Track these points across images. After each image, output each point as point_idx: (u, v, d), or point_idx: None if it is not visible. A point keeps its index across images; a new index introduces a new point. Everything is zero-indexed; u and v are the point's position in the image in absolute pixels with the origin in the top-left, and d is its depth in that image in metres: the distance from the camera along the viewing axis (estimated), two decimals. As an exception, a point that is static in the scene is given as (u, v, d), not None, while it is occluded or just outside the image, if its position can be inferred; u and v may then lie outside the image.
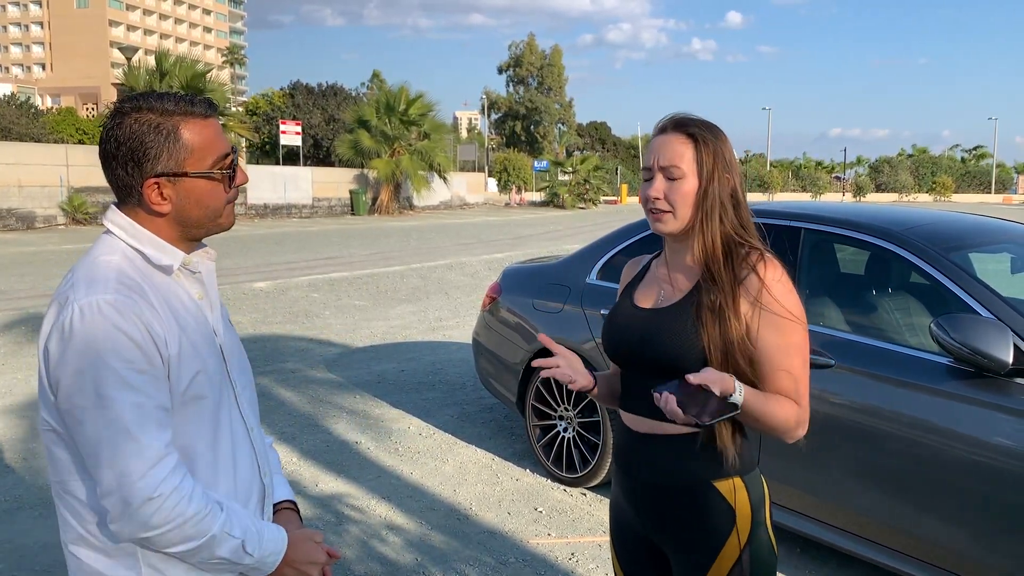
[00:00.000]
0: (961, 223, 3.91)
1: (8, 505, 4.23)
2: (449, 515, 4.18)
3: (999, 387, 2.92)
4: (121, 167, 1.43)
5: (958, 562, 3.01)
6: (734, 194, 1.73)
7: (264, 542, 1.50)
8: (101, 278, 1.39)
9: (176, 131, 1.42)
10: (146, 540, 1.39)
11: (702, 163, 1.69)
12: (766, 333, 1.66)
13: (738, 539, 1.71)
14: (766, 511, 1.77)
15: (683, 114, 1.76)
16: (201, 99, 1.47)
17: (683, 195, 1.70)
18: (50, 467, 1.50)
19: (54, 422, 1.43)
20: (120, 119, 1.42)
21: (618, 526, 1.94)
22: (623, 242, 4.60)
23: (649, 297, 1.83)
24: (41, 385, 1.43)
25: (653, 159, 1.73)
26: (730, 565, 1.71)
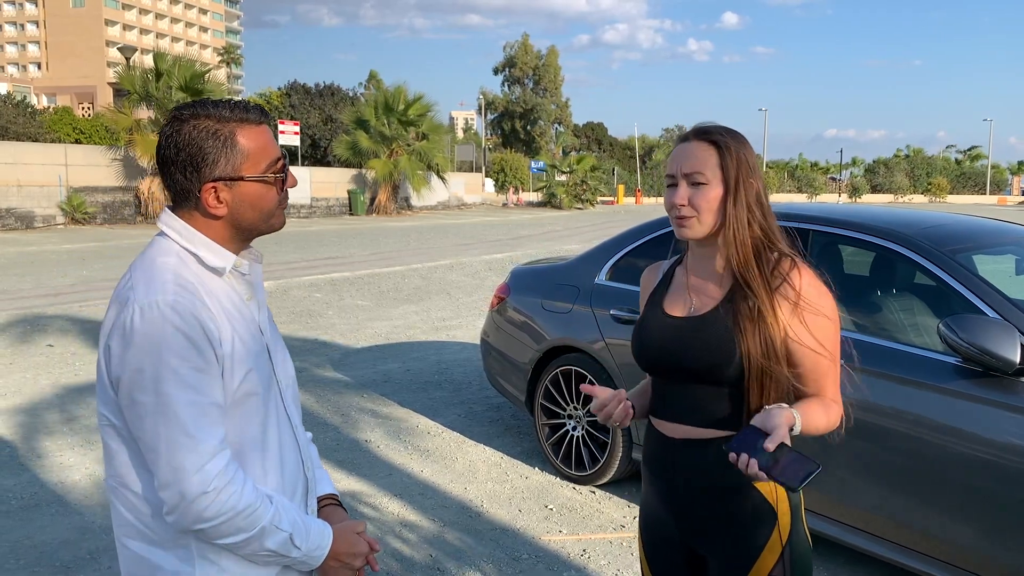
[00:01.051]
0: (966, 225, 3.98)
1: (25, 503, 4.28)
2: (461, 512, 4.24)
3: (1006, 386, 2.99)
4: (180, 172, 1.48)
5: (964, 557, 3.07)
6: (759, 198, 1.76)
7: (311, 536, 1.56)
8: (159, 279, 1.44)
9: (233, 137, 1.48)
10: (200, 532, 1.44)
11: (727, 169, 1.73)
12: (805, 338, 1.69)
13: (780, 537, 1.74)
14: (802, 508, 1.80)
15: (705, 123, 1.81)
16: (254, 106, 1.52)
17: (707, 201, 1.73)
18: (106, 461, 1.55)
19: (112, 417, 1.48)
20: (179, 126, 1.48)
21: (651, 532, 1.94)
22: (632, 243, 4.65)
23: (679, 305, 1.84)
24: (101, 381, 1.48)
25: (676, 166, 1.76)
26: (773, 562, 1.73)
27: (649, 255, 4.57)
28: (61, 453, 5.01)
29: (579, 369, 4.62)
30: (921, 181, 76.49)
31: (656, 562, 1.94)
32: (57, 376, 6.84)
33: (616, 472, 4.46)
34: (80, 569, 3.58)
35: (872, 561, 3.65)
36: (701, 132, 1.77)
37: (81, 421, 5.64)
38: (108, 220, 24.78)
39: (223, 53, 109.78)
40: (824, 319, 1.72)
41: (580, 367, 4.61)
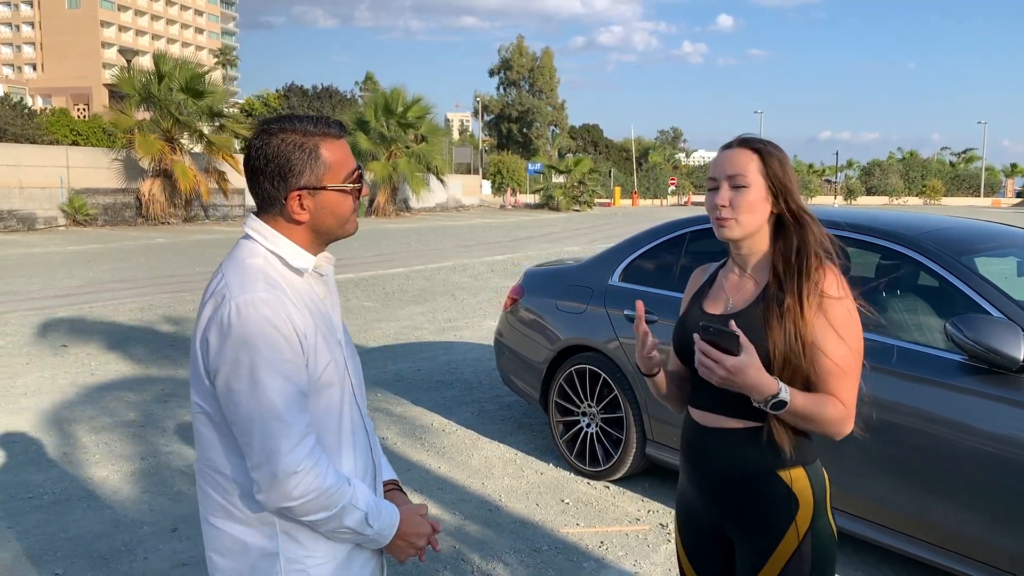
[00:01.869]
0: (969, 228, 4.12)
1: (56, 497, 4.40)
2: (480, 506, 4.37)
3: (1010, 382, 3.13)
4: (268, 181, 1.62)
5: (969, 546, 3.21)
6: (798, 202, 1.88)
7: (382, 516, 1.70)
8: (251, 278, 1.58)
9: (317, 150, 1.61)
10: (287, 509, 1.58)
11: (771, 175, 1.85)
12: (822, 337, 1.80)
13: (800, 525, 1.85)
14: (827, 500, 1.91)
15: (748, 134, 1.95)
16: (335, 121, 1.66)
17: (748, 203, 1.85)
18: (197, 446, 1.68)
19: (205, 405, 1.62)
20: (267, 138, 1.61)
21: (685, 515, 2.07)
22: (644, 246, 4.79)
23: (717, 304, 1.97)
24: (196, 372, 1.62)
25: (720, 170, 1.89)
26: (792, 549, 1.84)
27: (661, 258, 4.72)
28: (86, 450, 5.13)
29: (593, 368, 4.75)
30: (916, 183, 76.86)
31: (690, 544, 2.06)
32: (75, 376, 6.95)
33: (630, 468, 4.60)
34: (117, 560, 3.70)
35: (878, 550, 3.80)
36: (744, 140, 1.91)
37: (103, 419, 5.76)
38: (109, 222, 24.87)
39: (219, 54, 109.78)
40: (846, 325, 1.81)
41: (594, 366, 4.75)
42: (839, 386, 1.81)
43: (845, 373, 1.81)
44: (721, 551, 2.01)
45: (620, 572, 3.68)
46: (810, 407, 1.79)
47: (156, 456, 5.04)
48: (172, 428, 5.58)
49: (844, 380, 1.81)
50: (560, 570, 3.68)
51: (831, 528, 1.91)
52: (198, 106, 25.74)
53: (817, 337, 1.80)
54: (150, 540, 3.91)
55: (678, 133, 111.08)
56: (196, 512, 4.22)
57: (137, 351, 7.95)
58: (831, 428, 1.82)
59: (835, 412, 1.81)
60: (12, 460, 4.94)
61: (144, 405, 6.12)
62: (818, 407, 1.79)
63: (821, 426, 1.82)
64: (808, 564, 1.84)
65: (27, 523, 4.07)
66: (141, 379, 6.90)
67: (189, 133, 25.97)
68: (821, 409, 1.79)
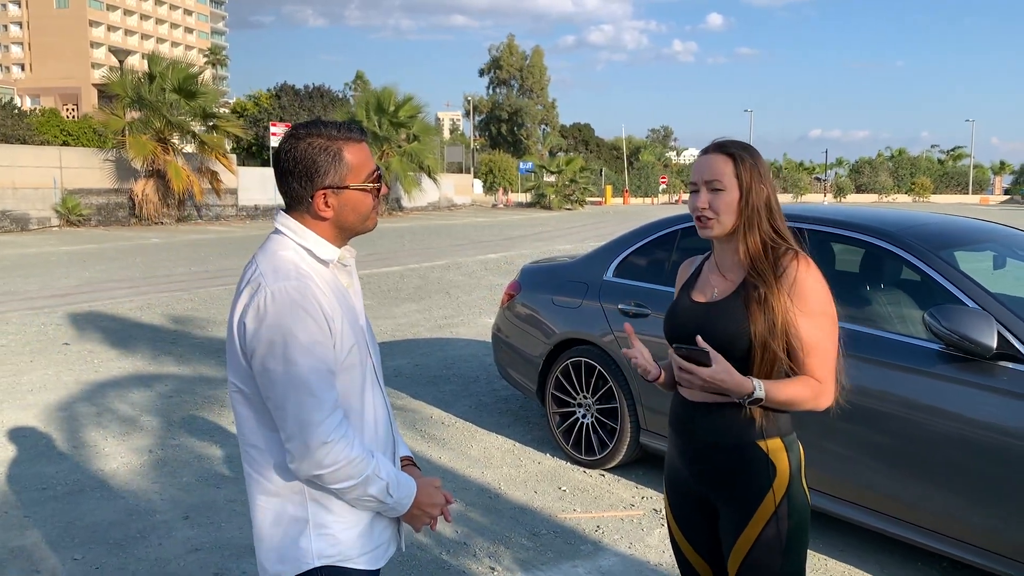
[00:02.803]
0: (949, 224, 4.31)
1: (69, 488, 4.54)
2: (481, 494, 4.53)
3: (985, 369, 3.31)
4: (296, 181, 1.77)
5: (947, 524, 3.39)
6: (768, 202, 2.07)
7: (401, 487, 1.86)
8: (283, 268, 1.73)
9: (340, 152, 1.77)
10: (318, 477, 1.74)
11: (741, 177, 2.03)
12: (798, 320, 1.98)
13: (776, 491, 2.03)
14: (802, 469, 2.10)
15: (724, 138, 2.12)
16: (356, 127, 1.81)
17: (725, 204, 2.03)
18: (237, 421, 1.84)
19: (242, 384, 1.77)
20: (295, 142, 1.77)
21: (672, 484, 2.26)
22: (637, 243, 4.96)
23: (703, 293, 2.16)
24: (232, 354, 1.77)
25: (699, 174, 2.07)
26: (770, 513, 2.03)
27: (653, 254, 4.89)
28: (95, 444, 5.27)
29: (588, 360, 4.92)
30: (905, 181, 77.36)
31: (678, 511, 2.25)
32: (79, 373, 7.08)
33: (624, 456, 4.77)
34: (132, 546, 3.85)
35: (865, 532, 3.97)
36: (719, 146, 2.08)
37: (109, 414, 5.89)
38: (103, 222, 24.91)
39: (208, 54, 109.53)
40: (815, 305, 1.99)
41: (589, 359, 4.91)
42: (814, 363, 1.99)
43: (819, 350, 1.99)
44: (706, 517, 2.18)
45: (616, 554, 3.85)
46: (785, 395, 1.97)
47: (164, 449, 5.18)
48: (178, 423, 5.72)
49: (818, 357, 1.99)
50: (558, 553, 3.85)
51: (805, 495, 2.09)
52: (190, 106, 25.79)
53: (792, 319, 1.98)
54: (163, 527, 4.06)
55: (669, 132, 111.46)
56: (207, 501, 4.39)
57: (139, 349, 8.09)
58: (809, 405, 2.00)
59: (810, 391, 1.99)
60: (24, 454, 5.07)
61: (149, 401, 6.26)
62: (793, 392, 1.98)
63: (800, 407, 2.01)
64: (784, 527, 2.02)
65: (43, 512, 4.21)
66: (144, 376, 7.03)
67: (181, 133, 26.02)
68: (796, 393, 1.98)
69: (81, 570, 3.62)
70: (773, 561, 2.04)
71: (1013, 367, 3.26)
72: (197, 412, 5.98)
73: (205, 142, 26.36)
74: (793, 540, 2.05)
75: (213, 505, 4.32)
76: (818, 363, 2.00)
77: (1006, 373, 3.26)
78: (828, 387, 2.02)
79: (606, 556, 3.83)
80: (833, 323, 2.04)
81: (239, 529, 4.03)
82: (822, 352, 2.00)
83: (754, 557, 2.05)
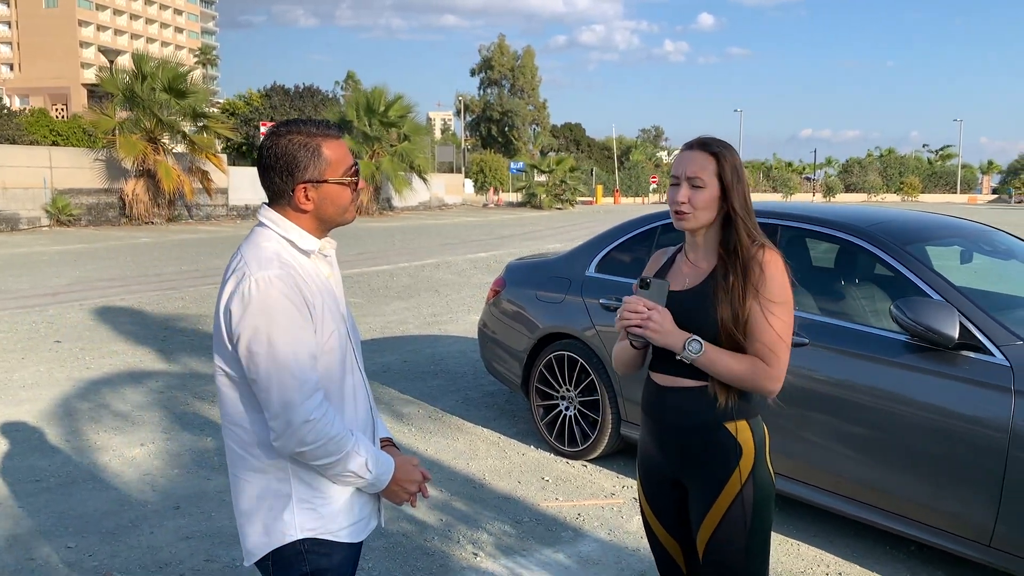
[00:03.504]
0: (918, 220, 4.44)
1: (62, 479, 4.63)
2: (466, 484, 4.64)
3: (947, 359, 3.44)
4: (278, 176, 1.88)
5: (913, 509, 3.52)
6: (744, 200, 2.18)
7: (380, 463, 1.97)
8: (267, 258, 1.84)
9: (319, 148, 1.88)
10: (300, 454, 1.84)
11: (721, 175, 2.14)
12: (759, 308, 2.10)
13: (743, 470, 2.15)
14: (766, 448, 2.21)
15: (706, 136, 2.24)
16: (334, 124, 1.93)
17: (704, 200, 2.15)
18: (221, 402, 1.94)
19: (227, 367, 1.88)
20: (276, 139, 1.88)
21: (645, 465, 2.37)
22: (618, 239, 5.08)
23: (677, 281, 2.26)
24: (219, 338, 1.88)
25: (681, 170, 2.18)
26: (736, 491, 2.14)
27: (634, 250, 5.01)
28: (87, 438, 5.36)
29: (571, 354, 5.04)
30: (894, 181, 77.79)
31: (649, 491, 2.36)
32: (70, 370, 7.17)
33: (606, 447, 4.88)
34: (125, 534, 3.95)
35: (837, 518, 4.11)
36: (703, 143, 2.20)
37: (103, 409, 5.98)
38: (93, 222, 24.93)
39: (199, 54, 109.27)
40: (776, 295, 2.10)
41: (572, 352, 5.03)
42: (771, 349, 2.10)
43: (770, 336, 2.10)
44: (677, 497, 2.30)
45: (595, 540, 3.96)
46: (724, 364, 2.09)
47: (155, 443, 5.27)
48: (169, 417, 5.82)
49: (770, 342, 2.10)
50: (540, 539, 3.96)
51: (770, 474, 2.20)
52: (180, 106, 25.83)
53: (755, 309, 2.10)
54: (154, 517, 4.16)
55: (659, 131, 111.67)
56: (197, 492, 4.49)
57: (130, 346, 8.17)
58: (750, 384, 2.11)
59: (752, 370, 2.10)
60: (17, 447, 5.16)
61: (140, 396, 6.35)
62: (733, 365, 2.10)
63: (741, 384, 2.11)
64: (750, 504, 2.14)
65: (37, 503, 4.30)
66: (135, 372, 7.12)
67: (171, 133, 26.04)
68: (735, 367, 2.10)
69: (74, 557, 3.72)
70: (739, 537, 2.15)
71: (974, 356, 3.39)
72: (187, 407, 6.07)
73: (195, 142, 26.39)
74: (758, 517, 2.16)
75: (204, 496, 4.42)
76: (769, 348, 2.10)
77: (967, 362, 3.39)
78: (776, 371, 2.11)
79: (586, 542, 3.94)
80: (789, 313, 2.14)
81: (229, 519, 4.13)
82: (774, 337, 2.11)
83: (721, 533, 2.16)
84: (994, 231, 4.63)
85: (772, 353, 2.11)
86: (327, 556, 1.93)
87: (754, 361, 2.11)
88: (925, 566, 3.73)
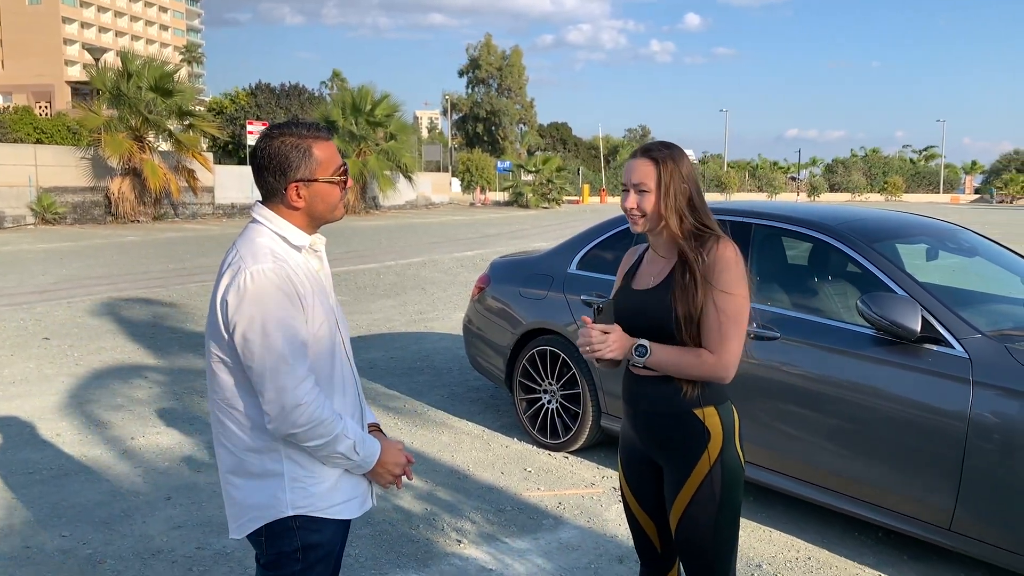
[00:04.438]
0: (887, 219, 4.60)
1: (55, 472, 4.73)
2: (450, 475, 4.77)
3: (910, 351, 3.60)
4: (271, 175, 2.01)
5: (880, 496, 3.67)
6: (690, 199, 2.32)
7: (367, 446, 2.10)
8: (261, 252, 1.97)
9: (310, 149, 2.01)
10: (292, 436, 1.97)
11: (662, 179, 2.29)
12: (714, 298, 2.23)
13: (711, 452, 2.29)
14: (736, 433, 2.35)
15: (649, 142, 2.39)
16: (324, 126, 2.06)
17: (651, 204, 2.30)
18: (215, 387, 2.06)
19: (222, 354, 2.00)
20: (270, 141, 2.01)
21: (625, 448, 2.53)
22: (599, 237, 5.23)
23: (642, 281, 2.42)
24: (214, 326, 2.00)
25: (628, 178, 2.35)
26: (706, 471, 2.29)
27: (614, 248, 5.15)
28: (78, 432, 5.46)
29: (553, 349, 5.18)
30: (878, 180, 78.42)
31: (628, 472, 2.53)
32: (59, 366, 7.25)
33: (586, 440, 5.03)
34: (118, 523, 4.06)
35: (807, 505, 4.26)
36: (644, 151, 2.36)
37: (91, 404, 6.08)
38: (78, 220, 24.88)
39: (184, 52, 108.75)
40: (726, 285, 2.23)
41: (554, 347, 5.17)
42: (722, 338, 2.23)
43: (728, 328, 2.24)
44: (652, 477, 2.45)
45: (575, 527, 4.10)
46: (668, 357, 2.25)
47: (145, 436, 5.38)
48: (158, 412, 5.91)
49: (716, 330, 2.23)
50: (522, 527, 4.10)
51: (738, 456, 2.35)
52: (166, 104, 25.81)
53: (711, 299, 2.24)
54: (146, 507, 4.27)
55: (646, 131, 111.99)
56: (188, 483, 4.60)
57: (119, 343, 8.25)
58: (697, 373, 2.24)
59: (697, 360, 2.23)
60: (9, 441, 5.25)
61: (129, 392, 6.44)
62: (677, 358, 2.24)
63: (688, 373, 2.25)
64: (718, 484, 2.29)
65: (31, 494, 4.40)
66: (124, 369, 7.20)
67: (157, 132, 26.02)
68: (679, 359, 2.24)
69: (69, 545, 3.82)
70: (709, 515, 2.30)
71: (936, 349, 3.54)
72: (177, 402, 6.17)
73: (181, 140, 26.38)
74: (727, 496, 2.31)
75: (194, 487, 4.54)
76: (720, 337, 2.23)
77: (929, 355, 3.55)
78: (725, 360, 2.23)
79: (566, 529, 4.08)
80: (742, 303, 2.26)
81: (219, 508, 4.24)
82: (724, 328, 2.23)
83: (692, 511, 2.31)
84: (961, 230, 4.80)
85: (722, 343, 2.23)
86: (317, 532, 2.06)
87: (700, 353, 2.24)
88: (890, 551, 3.89)
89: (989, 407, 3.33)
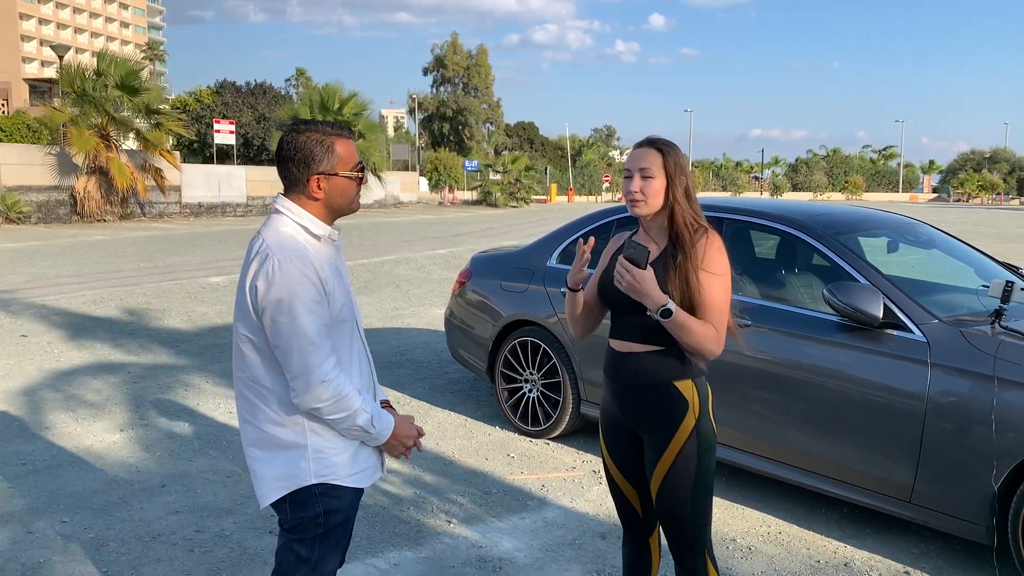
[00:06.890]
0: (850, 213, 4.87)
1: (49, 462, 4.83)
2: (436, 461, 4.95)
3: (873, 337, 3.85)
4: (295, 167, 2.18)
5: (847, 474, 3.92)
6: (687, 190, 2.55)
7: (382, 420, 2.28)
8: (286, 242, 2.14)
9: (333, 145, 2.19)
10: (316, 410, 2.14)
11: (667, 168, 2.51)
12: (703, 281, 2.46)
13: (689, 422, 2.50)
14: (710, 404, 2.57)
15: (654, 136, 2.60)
16: (345, 125, 2.23)
17: (654, 189, 2.51)
18: (241, 365, 2.22)
19: (251, 335, 2.17)
20: (296, 135, 2.18)
21: (606, 421, 2.73)
22: (579, 231, 5.43)
23: None
24: (243, 309, 2.16)
25: (633, 163, 2.55)
26: (685, 438, 2.50)
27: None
28: (67, 424, 5.54)
29: (534, 340, 5.37)
30: (839, 180, 79.85)
31: (611, 444, 2.72)
32: (40, 362, 7.29)
33: (567, 426, 5.23)
34: (116, 510, 4.18)
35: (778, 483, 4.51)
36: (651, 142, 2.57)
37: (78, 399, 6.15)
38: (43, 219, 24.59)
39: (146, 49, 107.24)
40: (714, 270, 2.46)
41: (535, 338, 5.37)
42: (714, 316, 2.47)
43: (719, 307, 2.47)
44: (634, 446, 2.66)
45: (558, 507, 4.31)
46: (690, 322, 2.43)
47: (135, 427, 5.48)
48: (145, 405, 6.01)
49: (716, 311, 2.47)
50: (508, 508, 4.29)
51: (712, 426, 2.57)
52: (133, 103, 25.59)
53: (700, 282, 2.46)
54: (142, 495, 4.39)
55: (612, 131, 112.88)
56: (181, 472, 4.73)
57: (97, 340, 8.29)
58: (701, 344, 2.45)
59: (708, 332, 2.45)
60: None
61: (114, 386, 6.52)
62: (695, 325, 2.43)
63: (697, 341, 2.44)
64: (695, 451, 2.51)
65: (27, 484, 4.50)
66: (105, 364, 7.27)
67: (123, 130, 25.78)
68: (696, 327, 2.43)
69: (71, 530, 3.94)
70: (687, 480, 2.51)
71: (896, 334, 3.80)
72: (162, 395, 6.27)
73: (148, 139, 26.16)
74: (703, 462, 2.53)
75: (188, 475, 4.66)
76: (716, 316, 2.47)
77: (890, 339, 3.81)
78: (722, 339, 2.48)
79: (550, 509, 4.28)
80: (727, 286, 2.51)
81: (214, 495, 4.38)
82: (719, 307, 2.48)
83: (672, 477, 2.52)
84: (919, 224, 5.08)
85: (718, 320, 2.47)
86: (337, 499, 2.24)
87: (707, 325, 2.46)
88: (855, 525, 4.15)
89: (945, 386, 3.59)
